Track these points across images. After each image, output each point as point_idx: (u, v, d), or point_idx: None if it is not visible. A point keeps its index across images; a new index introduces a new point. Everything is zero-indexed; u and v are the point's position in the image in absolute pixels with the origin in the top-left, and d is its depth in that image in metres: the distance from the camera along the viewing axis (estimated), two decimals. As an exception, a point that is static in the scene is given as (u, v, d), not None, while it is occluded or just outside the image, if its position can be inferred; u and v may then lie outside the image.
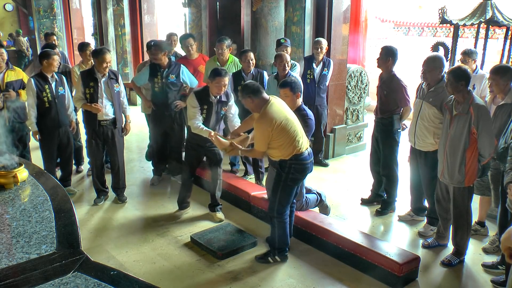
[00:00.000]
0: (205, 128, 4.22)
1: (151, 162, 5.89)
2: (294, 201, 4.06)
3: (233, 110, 4.56)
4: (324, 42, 5.77)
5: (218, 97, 4.33)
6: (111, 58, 4.78)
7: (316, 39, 5.86)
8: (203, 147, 4.49)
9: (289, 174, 3.63)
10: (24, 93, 4.97)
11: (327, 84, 5.94)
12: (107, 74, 4.71)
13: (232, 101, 4.54)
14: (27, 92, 4.80)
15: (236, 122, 4.53)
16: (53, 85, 4.85)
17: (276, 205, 3.76)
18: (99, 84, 4.69)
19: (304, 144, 3.62)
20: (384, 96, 4.53)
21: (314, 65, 5.75)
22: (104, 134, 4.83)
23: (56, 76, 4.90)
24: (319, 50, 5.70)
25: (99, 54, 4.62)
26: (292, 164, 3.60)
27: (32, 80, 4.76)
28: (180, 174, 5.06)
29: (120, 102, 4.87)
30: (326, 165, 6.24)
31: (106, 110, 4.75)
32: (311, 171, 3.80)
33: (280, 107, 3.55)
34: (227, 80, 4.22)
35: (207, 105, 4.31)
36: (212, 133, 4.04)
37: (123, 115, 4.97)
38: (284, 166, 3.63)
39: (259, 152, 3.68)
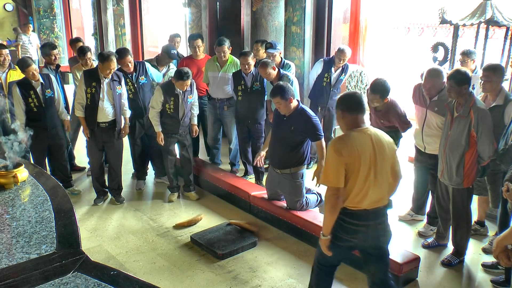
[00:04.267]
0: (158, 123, 4.87)
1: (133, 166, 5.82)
2: (390, 275, 3.03)
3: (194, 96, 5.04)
4: (348, 53, 5.49)
5: None
6: (115, 65, 4.70)
7: (342, 48, 5.50)
8: (175, 136, 4.97)
9: (333, 229, 2.79)
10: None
11: (340, 87, 5.83)
12: (110, 76, 4.70)
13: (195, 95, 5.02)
14: (14, 99, 4.76)
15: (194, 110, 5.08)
16: (38, 89, 4.79)
17: None
18: (101, 85, 4.68)
19: (363, 202, 2.70)
20: (382, 125, 4.34)
21: (332, 69, 5.61)
22: (102, 135, 4.83)
23: (41, 80, 4.83)
24: (341, 61, 5.51)
25: (105, 60, 4.55)
26: (338, 217, 2.77)
27: (16, 87, 4.73)
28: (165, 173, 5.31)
29: (120, 104, 4.86)
30: None
31: (106, 112, 4.74)
32: (368, 240, 2.79)
33: (370, 145, 2.67)
34: (188, 82, 4.74)
35: (173, 96, 4.80)
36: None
37: (122, 117, 4.95)
38: None
39: (330, 188, 2.68)
